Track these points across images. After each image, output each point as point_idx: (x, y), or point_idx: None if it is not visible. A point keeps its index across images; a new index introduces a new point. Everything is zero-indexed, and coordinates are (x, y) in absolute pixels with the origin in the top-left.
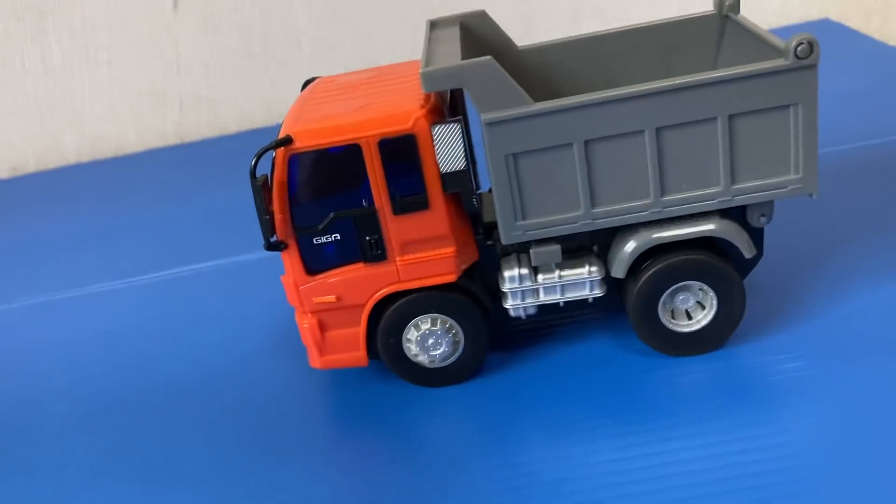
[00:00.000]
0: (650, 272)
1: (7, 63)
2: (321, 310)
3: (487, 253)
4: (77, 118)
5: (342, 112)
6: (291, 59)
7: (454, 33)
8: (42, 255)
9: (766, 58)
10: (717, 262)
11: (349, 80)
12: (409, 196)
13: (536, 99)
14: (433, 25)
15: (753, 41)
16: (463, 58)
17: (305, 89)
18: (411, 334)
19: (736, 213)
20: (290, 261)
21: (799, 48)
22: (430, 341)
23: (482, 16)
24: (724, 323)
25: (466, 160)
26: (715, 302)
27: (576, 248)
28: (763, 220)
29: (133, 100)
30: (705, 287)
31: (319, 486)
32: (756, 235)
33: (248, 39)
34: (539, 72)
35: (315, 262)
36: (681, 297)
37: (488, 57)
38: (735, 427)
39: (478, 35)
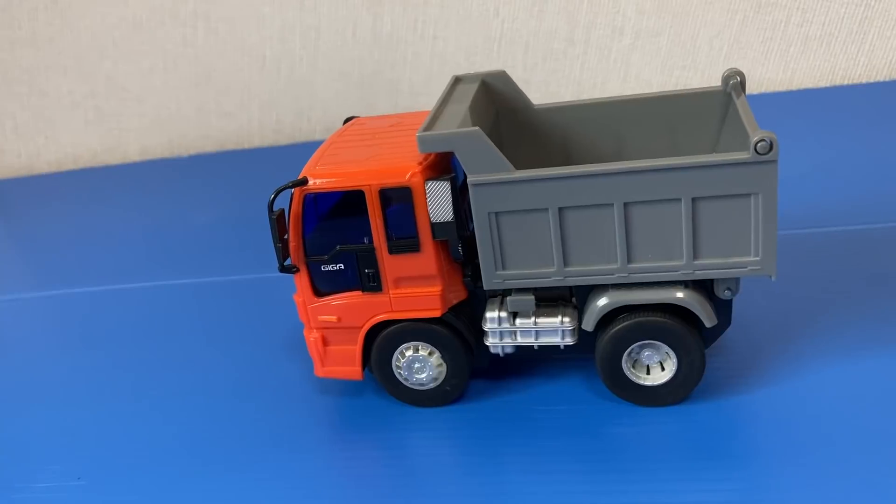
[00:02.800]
0: (616, 328)
1: (341, 31)
2: (325, 327)
3: (478, 294)
4: (393, 89)
5: (355, 159)
6: (610, 45)
7: (471, 91)
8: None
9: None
10: (678, 327)
11: (374, 126)
12: (403, 239)
13: (545, 154)
14: (457, 80)
15: (741, 125)
16: (472, 115)
17: (339, 129)
18: (400, 358)
19: (705, 284)
20: (301, 283)
21: (759, 145)
22: (416, 366)
23: (503, 75)
24: (684, 382)
25: (454, 213)
26: (675, 362)
27: (555, 298)
28: (728, 293)
29: (449, 75)
30: (666, 348)
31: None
32: (724, 306)
33: (572, 23)
34: (552, 130)
35: (322, 286)
36: (647, 352)
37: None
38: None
39: (498, 92)
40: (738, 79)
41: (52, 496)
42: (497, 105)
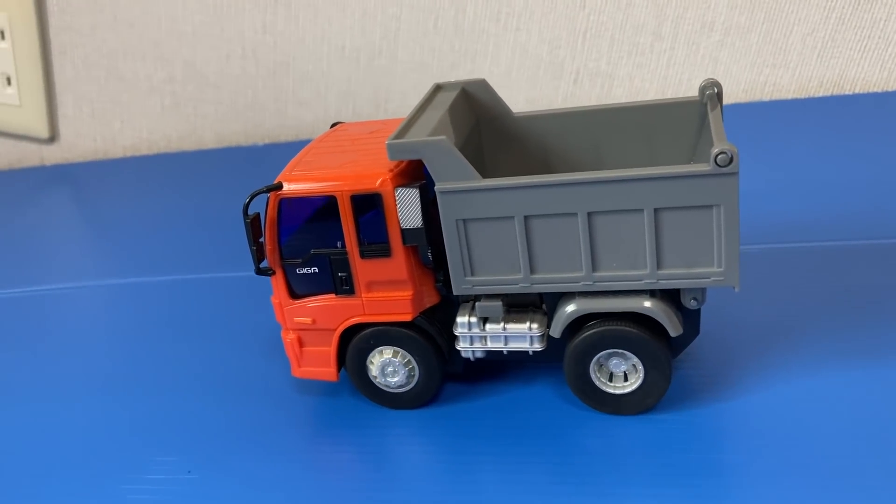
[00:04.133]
0: (583, 336)
1: (422, 21)
2: (300, 328)
3: (452, 299)
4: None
5: (331, 165)
6: (699, 40)
7: (450, 98)
8: None
9: None
10: (645, 336)
11: (355, 132)
12: (374, 244)
13: (525, 162)
14: (437, 88)
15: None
16: (446, 123)
17: (321, 135)
18: (373, 360)
19: (672, 294)
20: (277, 285)
21: (719, 157)
22: (389, 369)
23: (483, 84)
24: (650, 391)
25: (423, 220)
26: (641, 371)
27: (526, 304)
28: (694, 303)
29: (531, 68)
30: (633, 357)
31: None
32: (691, 316)
33: (659, 17)
34: (532, 138)
35: (298, 288)
36: (614, 361)
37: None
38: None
39: (478, 101)
40: (715, 90)
41: (163, 489)
42: (478, 113)
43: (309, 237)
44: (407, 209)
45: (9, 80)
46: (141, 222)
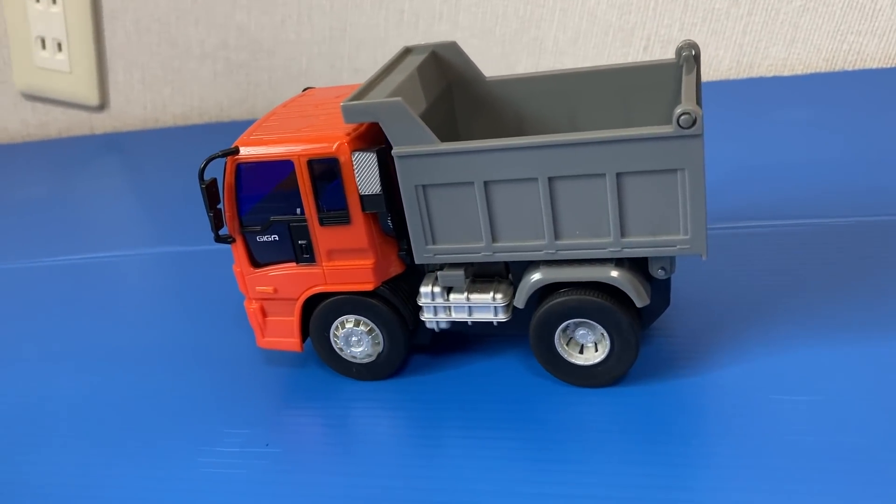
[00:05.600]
0: (547, 305)
1: None
2: (263, 298)
3: (418, 269)
4: (537, 47)
5: (291, 129)
6: (779, 6)
7: (417, 62)
8: None
9: None
10: (611, 306)
11: (322, 97)
12: (333, 211)
13: (499, 127)
14: (406, 51)
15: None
16: (409, 86)
17: (289, 99)
18: (338, 331)
19: (640, 262)
20: (238, 253)
21: (682, 118)
22: (353, 339)
23: (453, 46)
24: (617, 362)
25: (382, 186)
26: (608, 342)
27: (492, 274)
28: (661, 272)
29: (599, 34)
30: (599, 327)
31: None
32: (661, 287)
33: None
34: (506, 102)
35: (259, 256)
36: (581, 331)
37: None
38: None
39: (449, 64)
40: (693, 52)
41: (239, 462)
42: (449, 77)
43: (268, 204)
44: (365, 174)
45: (59, 46)
46: (191, 192)
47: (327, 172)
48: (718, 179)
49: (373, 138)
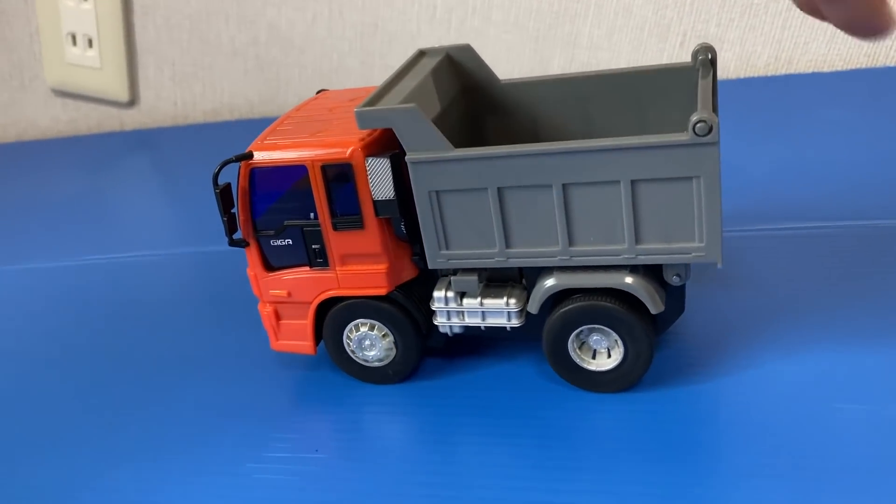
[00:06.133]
0: (562, 311)
1: None
2: (277, 301)
3: (433, 273)
4: (571, 42)
5: (305, 133)
6: None
7: (431, 65)
8: None
9: None
10: (625, 313)
11: (335, 101)
12: (347, 216)
13: (514, 131)
14: (420, 54)
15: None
16: (424, 91)
17: (303, 102)
18: (351, 334)
19: (655, 270)
20: (252, 257)
21: (697, 126)
22: (366, 343)
23: (467, 49)
24: (631, 369)
25: (395, 191)
26: (621, 348)
27: (506, 279)
28: (676, 279)
29: (635, 30)
30: (613, 333)
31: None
32: (676, 293)
33: None
34: (520, 106)
35: (273, 260)
36: (595, 337)
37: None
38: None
39: (463, 67)
40: (709, 55)
41: (286, 468)
42: (462, 80)
43: (282, 208)
44: (378, 180)
45: (90, 42)
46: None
47: (341, 177)
48: (750, 180)
49: (386, 143)
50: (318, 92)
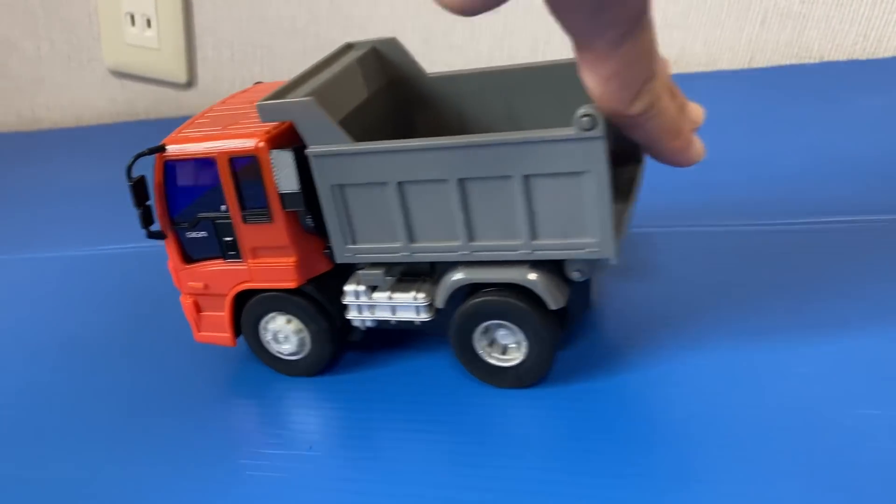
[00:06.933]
0: (463, 307)
1: None
2: (195, 293)
3: (349, 267)
4: None
5: (219, 127)
6: None
7: (352, 58)
8: None
9: None
10: (524, 307)
11: (262, 93)
12: (255, 209)
13: (442, 124)
14: (347, 47)
15: None
16: (338, 84)
17: (232, 94)
18: (265, 326)
19: (559, 265)
20: (170, 249)
21: (583, 119)
22: (281, 336)
23: (393, 43)
24: (535, 364)
25: (300, 184)
26: (525, 343)
27: (418, 274)
28: (577, 274)
29: (713, 8)
30: (515, 328)
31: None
32: (580, 289)
33: None
34: (447, 99)
35: (191, 252)
36: (501, 332)
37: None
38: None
39: (390, 61)
40: None
41: (284, 465)
42: (389, 73)
43: (195, 201)
44: (283, 173)
45: (148, 22)
46: None
47: (248, 170)
48: (811, 170)
49: (295, 137)
50: (255, 83)
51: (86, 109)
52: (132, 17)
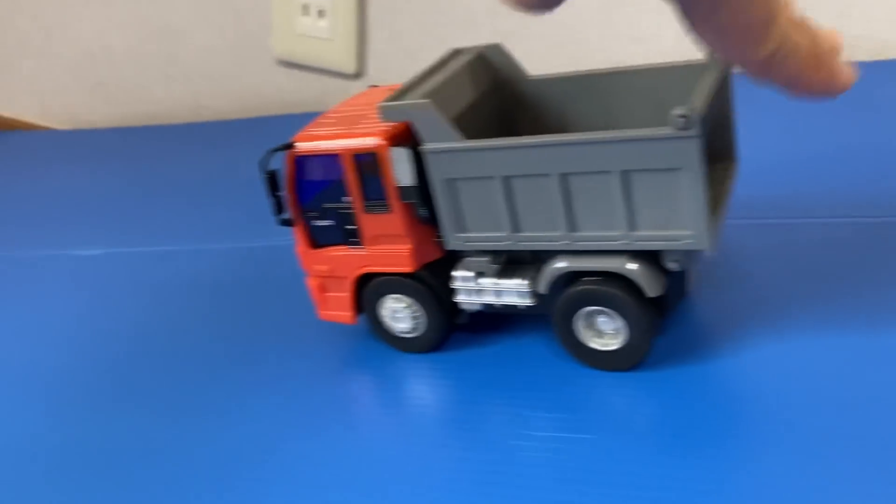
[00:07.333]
0: (566, 293)
1: None
2: (321, 275)
3: (459, 254)
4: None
5: (343, 126)
6: None
7: (462, 62)
8: None
9: None
10: (624, 295)
11: (377, 97)
12: (375, 200)
13: (542, 123)
14: (455, 52)
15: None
16: (448, 87)
17: (350, 97)
18: (384, 307)
19: (656, 254)
20: (299, 235)
21: (678, 120)
22: (398, 315)
23: (498, 48)
24: (633, 349)
25: (416, 178)
26: (624, 329)
27: (522, 261)
28: (674, 265)
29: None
30: (615, 315)
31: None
32: (677, 279)
33: None
34: (547, 100)
35: (318, 238)
36: (602, 318)
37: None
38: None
39: (493, 65)
40: None
41: (554, 447)
42: (494, 77)
43: (322, 192)
44: (400, 168)
45: (321, 13)
46: None
47: (370, 166)
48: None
49: (412, 136)
50: (368, 87)
51: (252, 97)
52: (306, 8)
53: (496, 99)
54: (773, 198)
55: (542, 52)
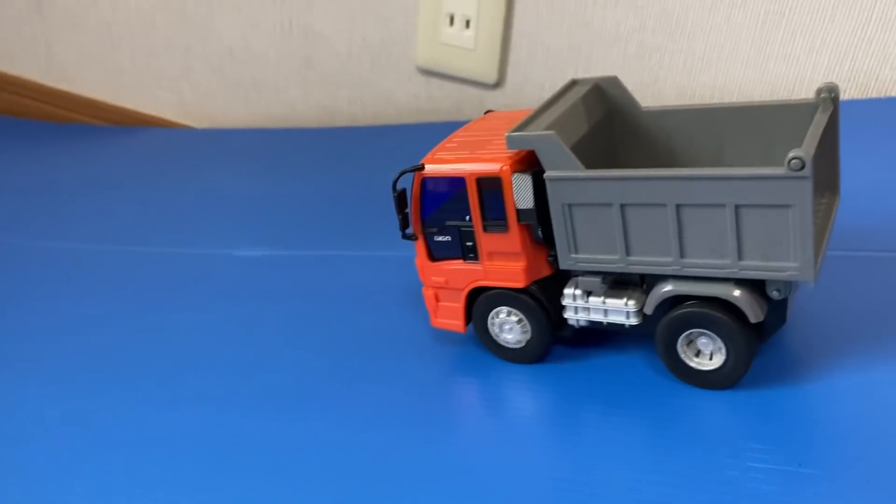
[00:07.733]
0: (672, 315)
1: None
2: (436, 286)
3: (566, 273)
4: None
5: (467, 150)
6: None
7: (579, 94)
8: None
9: None
10: (727, 320)
11: (496, 123)
12: (494, 220)
13: (652, 155)
14: (573, 83)
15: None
16: (568, 117)
17: (470, 122)
18: (493, 318)
19: (760, 283)
20: (419, 249)
21: (792, 162)
22: (506, 327)
23: (614, 80)
24: (732, 371)
25: (535, 202)
26: (724, 352)
27: (628, 282)
28: (776, 293)
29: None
30: (717, 338)
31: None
32: (778, 306)
33: None
34: (658, 132)
35: (436, 252)
36: (703, 339)
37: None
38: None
39: (608, 96)
40: (831, 94)
41: (768, 478)
42: (609, 107)
43: (444, 211)
44: (521, 192)
45: (467, 23)
46: None
47: (492, 189)
48: None
49: (531, 162)
50: (485, 112)
51: (386, 104)
52: (451, 18)
53: (609, 128)
54: (872, 230)
55: (690, 66)
